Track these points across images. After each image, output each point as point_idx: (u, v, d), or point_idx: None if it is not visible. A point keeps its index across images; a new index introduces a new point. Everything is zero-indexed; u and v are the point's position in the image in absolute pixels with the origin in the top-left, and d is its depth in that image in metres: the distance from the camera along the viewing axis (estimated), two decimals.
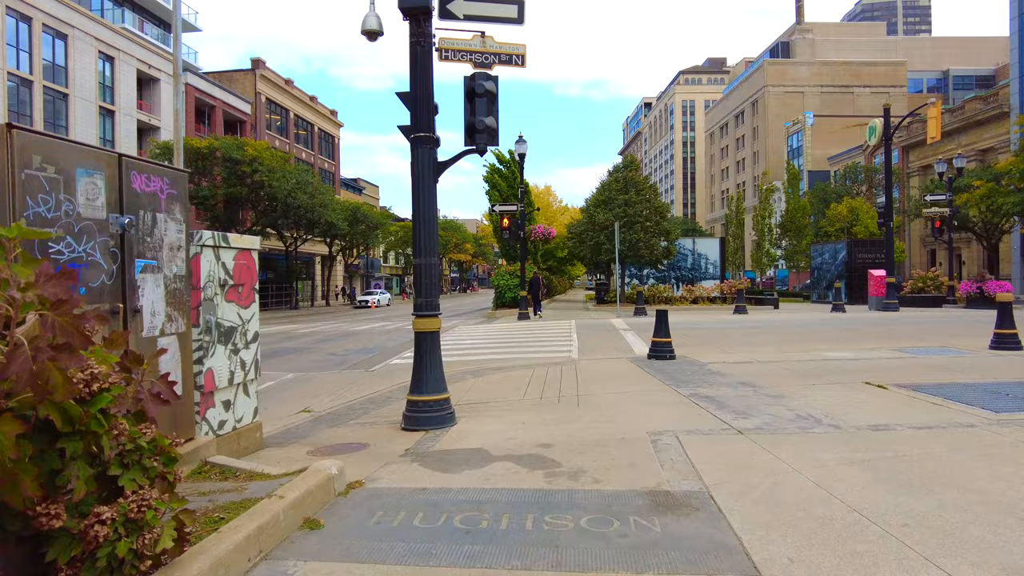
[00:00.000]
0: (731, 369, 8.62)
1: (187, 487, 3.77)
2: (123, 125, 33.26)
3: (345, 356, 12.85)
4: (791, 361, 9.37)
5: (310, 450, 5.45)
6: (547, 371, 8.97)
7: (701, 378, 7.91)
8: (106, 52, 31.98)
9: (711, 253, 28.62)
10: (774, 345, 11.75)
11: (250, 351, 5.48)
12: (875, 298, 20.83)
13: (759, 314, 20.53)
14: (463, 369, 9.62)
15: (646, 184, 24.26)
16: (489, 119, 5.95)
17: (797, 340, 12.62)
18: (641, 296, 19.80)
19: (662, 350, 9.86)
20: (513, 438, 5.17)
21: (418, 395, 5.83)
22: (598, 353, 11.12)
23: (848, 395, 6.55)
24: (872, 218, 34.36)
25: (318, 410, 7.40)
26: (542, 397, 7.05)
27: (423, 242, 5.89)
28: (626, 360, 9.99)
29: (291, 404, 7.93)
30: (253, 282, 5.58)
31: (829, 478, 3.83)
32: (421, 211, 5.91)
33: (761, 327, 15.64)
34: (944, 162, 24.78)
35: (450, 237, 73.36)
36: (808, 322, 16.83)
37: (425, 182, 5.88)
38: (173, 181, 4.40)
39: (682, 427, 5.27)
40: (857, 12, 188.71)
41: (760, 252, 46.77)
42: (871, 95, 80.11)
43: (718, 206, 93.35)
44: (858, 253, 28.66)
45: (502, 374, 8.93)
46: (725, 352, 10.74)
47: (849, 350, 10.64)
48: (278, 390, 9.11)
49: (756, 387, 7.14)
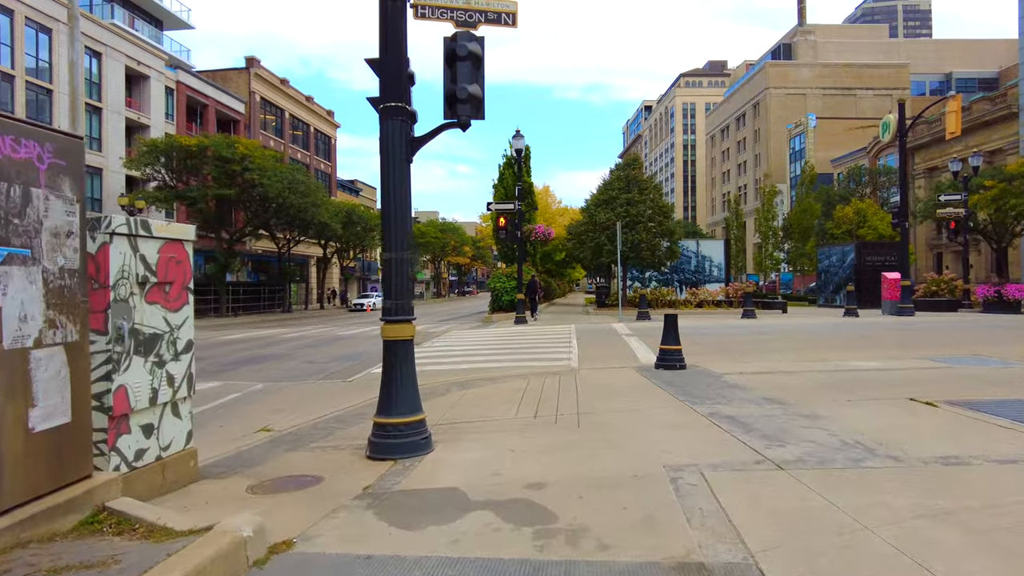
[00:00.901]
0: (750, 381, 7.66)
1: (55, 550, 2.81)
2: (111, 123, 32.35)
3: (326, 364, 11.88)
4: (814, 371, 8.42)
5: (252, 484, 4.49)
6: (543, 383, 8.00)
7: (718, 392, 6.95)
8: (93, 48, 31.07)
9: (715, 255, 27.67)
10: (791, 353, 10.80)
11: (181, 363, 4.52)
12: (889, 302, 19.88)
13: (768, 318, 19.57)
14: (450, 380, 8.65)
15: (649, 183, 23.29)
16: (473, 87, 5.00)
17: (814, 347, 11.66)
18: (644, 299, 18.82)
19: (671, 359, 8.89)
20: (498, 473, 4.20)
21: (386, 417, 4.87)
22: (600, 361, 10.16)
23: (894, 415, 5.59)
24: (880, 219, 33.41)
25: (280, 428, 6.44)
26: (536, 415, 6.08)
27: (393, 234, 4.94)
28: (631, 370, 9.03)
29: (252, 421, 6.97)
30: (186, 280, 4.62)
31: (912, 539, 2.87)
32: (391, 196, 4.96)
33: (773, 333, 14.69)
34: (960, 160, 23.84)
35: (448, 239, 72.49)
36: (822, 327, 15.88)
37: (395, 161, 4.93)
38: (60, 149, 3.44)
39: (706, 459, 4.30)
40: (857, 16, 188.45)
41: (763, 255, 45.82)
42: (874, 97, 79.49)
43: (719, 209, 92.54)
44: (867, 256, 27.71)
45: (493, 386, 7.96)
46: (739, 361, 9.78)
47: (874, 359, 9.69)
48: (242, 403, 8.14)
49: (784, 404, 6.18)
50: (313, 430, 6.25)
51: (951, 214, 22.63)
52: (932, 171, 47.54)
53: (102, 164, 31.76)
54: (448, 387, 8.01)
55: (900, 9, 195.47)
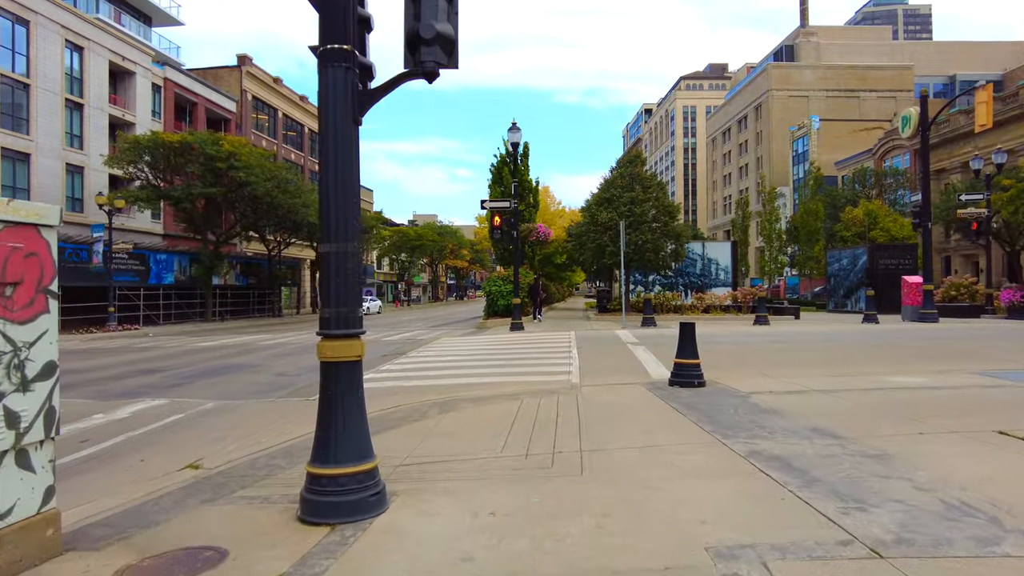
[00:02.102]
0: (786, 404, 6.40)
1: None
2: (93, 119, 31.11)
3: (296, 376, 10.60)
4: (855, 390, 7.17)
5: (129, 565, 3.22)
6: (539, 404, 6.74)
7: (752, 420, 5.69)
8: (74, 41, 29.86)
9: (722, 258, 26.40)
10: (820, 366, 9.54)
11: (33, 395, 3.26)
12: (910, 308, 18.63)
13: (781, 325, 18.30)
14: (429, 399, 7.38)
15: (653, 180, 22.00)
16: (444, 24, 3.76)
17: (845, 359, 10.42)
18: (649, 304, 17.51)
19: (689, 375, 7.63)
20: (470, 558, 2.94)
21: (323, 466, 3.60)
22: (605, 376, 8.89)
23: (991, 456, 4.33)
24: (893, 221, 32.17)
25: (211, 466, 5.19)
26: (528, 454, 4.81)
27: (333, 218, 3.70)
28: (642, 387, 7.76)
29: (183, 452, 5.70)
30: (43, 280, 3.37)
31: None
32: (331, 167, 3.71)
33: (791, 342, 13.43)
34: (981, 158, 22.63)
35: (446, 242, 71.21)
36: (844, 335, 14.62)
37: (337, 120, 3.68)
38: None
39: (765, 535, 3.03)
40: (858, 19, 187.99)
41: (768, 258, 44.57)
42: (877, 99, 78.72)
43: (720, 212, 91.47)
44: (881, 258, 26.51)
45: (478, 409, 6.70)
46: (764, 375, 8.52)
47: (918, 373, 8.44)
48: (181, 428, 6.87)
49: (839, 438, 4.92)
50: (250, 469, 4.99)
51: (972, 214, 21.42)
52: (940, 173, 46.41)
53: (83, 162, 30.51)
54: (425, 409, 6.74)
55: (900, 13, 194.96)
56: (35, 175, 27.45)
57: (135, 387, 9.82)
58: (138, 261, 29.23)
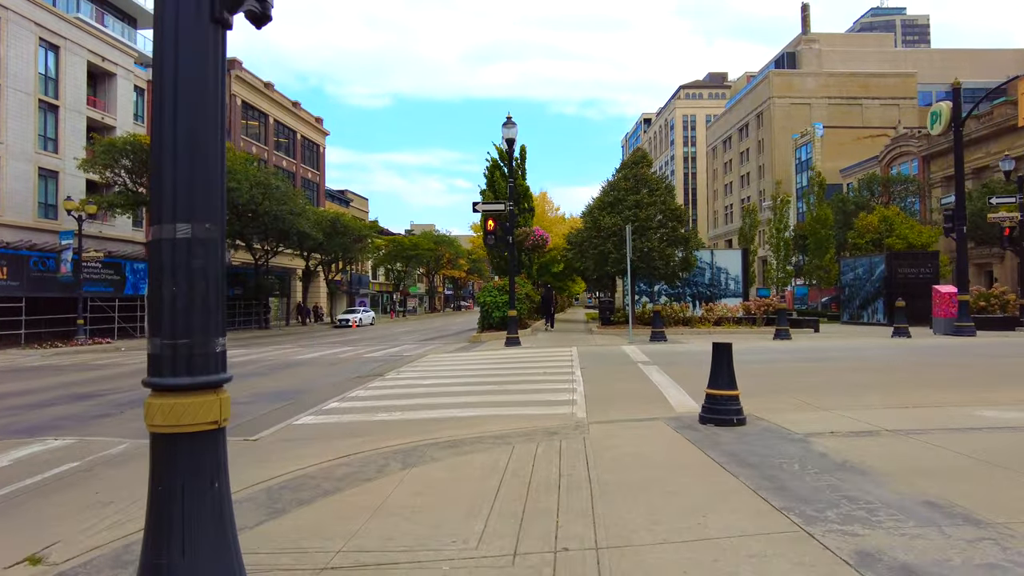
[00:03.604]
0: (863, 453, 4.79)
1: None
2: (69, 122, 29.63)
3: (247, 404, 8.95)
4: (943, 429, 5.57)
5: None
6: (535, 453, 5.13)
7: (830, 483, 4.08)
8: (49, 40, 28.45)
9: (732, 267, 24.81)
10: (873, 392, 7.95)
11: None
12: (943, 320, 17.04)
13: (803, 339, 16.69)
14: (391, 445, 5.74)
15: (660, 183, 20.41)
16: None
17: (897, 383, 8.82)
18: (659, 317, 15.85)
19: (725, 410, 6.03)
20: None
21: None
22: (618, 408, 7.28)
23: None
24: (909, 228, 30.62)
25: (60, 559, 3.60)
26: (516, 552, 3.19)
27: (175, 183, 2.12)
28: (665, 425, 6.15)
29: (37, 531, 4.08)
30: None
31: None
32: (171, 99, 2.13)
33: (824, 359, 11.81)
34: (1011, 159, 21.14)
35: (443, 252, 69.63)
36: (879, 352, 13.00)
37: (186, 19, 2.11)
38: None
39: None
40: (856, 31, 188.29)
41: (775, 268, 43.00)
42: (880, 107, 78.02)
43: (721, 222, 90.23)
44: (900, 267, 24.98)
45: (454, 460, 5.08)
46: (811, 405, 6.93)
47: (1012, 404, 6.84)
48: (62, 486, 5.23)
49: (980, 522, 3.30)
50: (114, 567, 3.37)
51: (1003, 219, 19.91)
52: (950, 180, 45.01)
53: (58, 167, 28.99)
54: (384, 461, 5.12)
55: (899, 23, 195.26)
56: (4, 179, 25.89)
57: (49, 419, 8.18)
58: (113, 270, 27.60)
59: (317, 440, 6.26)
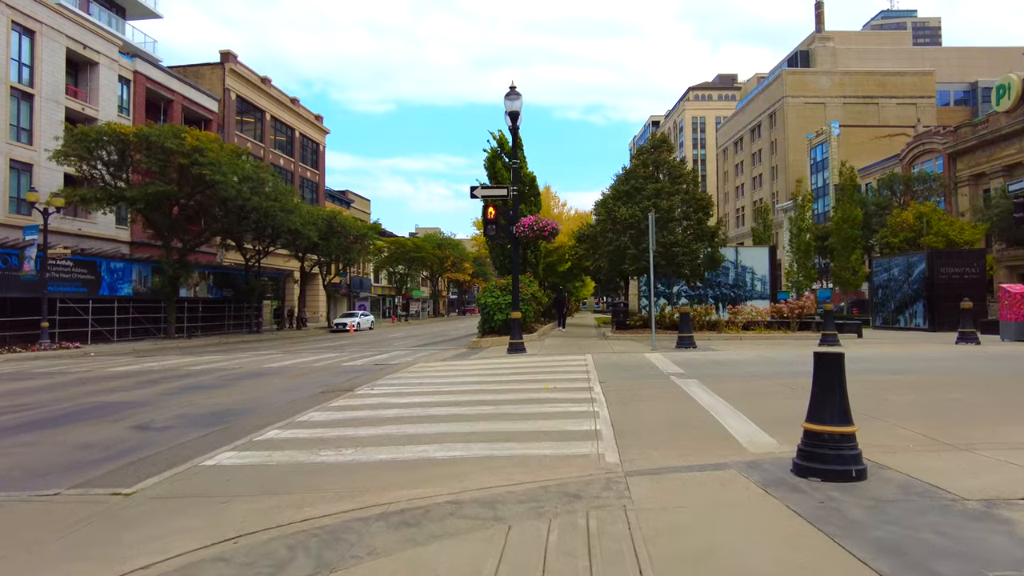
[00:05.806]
0: None
1: None
2: (45, 111, 27.79)
3: (157, 432, 6.79)
4: None
5: None
6: (545, 546, 2.97)
7: None
8: (23, 24, 26.66)
9: (758, 266, 22.53)
10: (1004, 419, 5.75)
11: None
12: (1014, 324, 14.74)
13: (853, 346, 14.41)
14: (317, 515, 3.59)
15: (682, 169, 18.15)
16: None
17: (1010, 406, 6.61)
18: (686, 320, 13.52)
19: (838, 456, 3.88)
20: None
21: None
22: (663, 444, 5.10)
23: None
24: (949, 224, 28.25)
25: None
26: None
27: None
28: (746, 479, 3.98)
29: None
30: None
31: None
32: None
33: (900, 371, 9.54)
34: None
35: (447, 255, 67.51)
36: (960, 364, 10.71)
37: None
38: None
39: None
40: None
41: (796, 269, 40.61)
42: (897, 106, 75.76)
43: (733, 224, 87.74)
44: (942, 267, 22.68)
45: (397, 567, 2.91)
46: (943, 442, 4.75)
47: None
48: None
49: None
50: None
51: None
52: (979, 178, 42.72)
53: (33, 159, 27.15)
54: (284, 556, 2.96)
55: (910, 26, 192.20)
56: None
57: None
58: (86, 269, 25.63)
59: (214, 499, 4.12)
